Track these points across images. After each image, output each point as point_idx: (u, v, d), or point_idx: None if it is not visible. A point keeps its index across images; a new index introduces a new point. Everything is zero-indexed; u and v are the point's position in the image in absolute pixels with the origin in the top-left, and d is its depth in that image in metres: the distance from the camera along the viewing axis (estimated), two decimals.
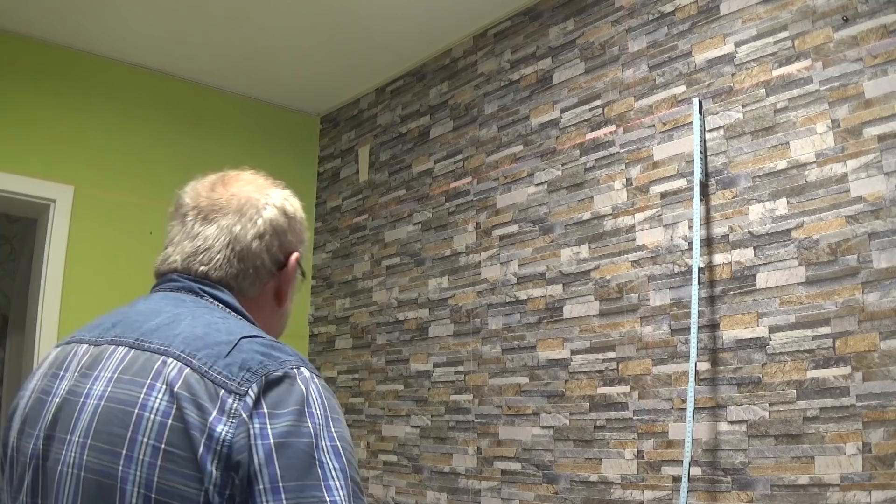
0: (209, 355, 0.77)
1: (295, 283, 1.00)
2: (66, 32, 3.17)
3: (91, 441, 0.76)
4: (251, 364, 0.76)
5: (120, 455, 0.73)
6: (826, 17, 2.04)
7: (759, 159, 2.13)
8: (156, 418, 0.73)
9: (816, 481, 1.86)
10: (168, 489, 0.71)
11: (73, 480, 0.75)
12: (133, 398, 0.75)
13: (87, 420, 0.77)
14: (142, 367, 0.78)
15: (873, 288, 1.84)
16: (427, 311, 3.13)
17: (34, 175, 3.07)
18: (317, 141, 4.05)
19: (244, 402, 0.74)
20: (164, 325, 0.82)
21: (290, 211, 0.99)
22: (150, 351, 0.79)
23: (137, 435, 0.73)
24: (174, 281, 0.92)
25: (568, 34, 2.77)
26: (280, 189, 1.01)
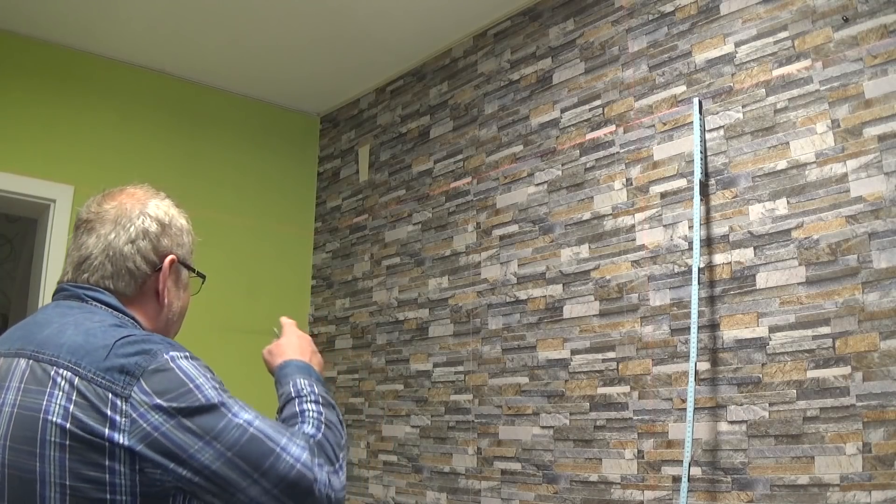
0: (92, 362, 0.89)
1: (180, 284, 1.13)
2: (66, 32, 3.17)
3: (9, 443, 0.88)
4: (127, 367, 0.89)
5: (35, 454, 0.86)
6: (826, 17, 2.04)
7: (759, 159, 2.13)
8: (58, 422, 0.86)
9: (816, 481, 1.86)
10: (79, 476, 0.85)
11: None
12: (37, 405, 0.88)
13: (5, 425, 0.89)
14: (40, 378, 0.90)
15: (873, 288, 1.84)
16: (427, 311, 3.13)
17: (34, 175, 3.07)
18: (317, 141, 4.05)
19: (130, 402, 0.87)
20: (52, 336, 0.94)
21: (164, 219, 1.10)
22: (44, 362, 0.91)
23: (46, 436, 0.86)
24: (64, 290, 1.04)
25: (568, 34, 2.77)
26: (160, 199, 1.13)
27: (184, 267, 1.14)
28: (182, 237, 1.13)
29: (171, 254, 1.09)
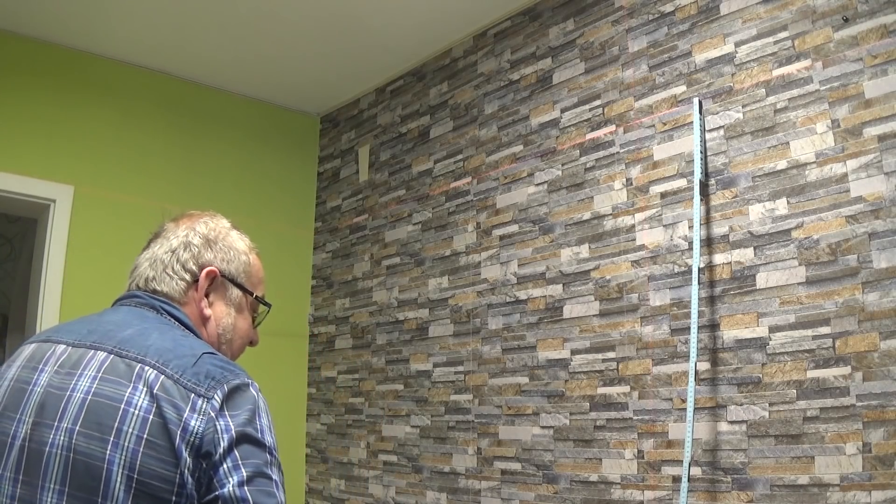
0: (179, 365, 0.94)
1: (230, 301, 1.16)
2: (66, 32, 3.17)
3: (80, 428, 0.89)
4: (214, 374, 0.94)
5: (108, 441, 0.88)
6: (826, 17, 2.04)
7: (759, 159, 2.13)
8: (139, 413, 0.89)
9: (816, 481, 1.86)
10: (149, 471, 0.86)
11: (62, 461, 0.88)
12: (119, 395, 0.90)
13: (75, 410, 0.91)
14: (123, 371, 0.93)
15: (873, 288, 1.84)
16: (427, 311, 3.13)
17: (34, 175, 3.07)
18: (317, 141, 4.05)
19: (211, 403, 0.91)
20: (135, 337, 0.98)
21: (210, 234, 1.16)
22: (128, 358, 0.94)
23: (123, 426, 0.88)
24: (137, 297, 1.09)
25: (568, 34, 2.77)
26: (216, 220, 1.20)
27: (235, 286, 1.16)
28: (231, 255, 1.16)
29: (210, 265, 1.13)
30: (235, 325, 1.16)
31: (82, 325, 1.03)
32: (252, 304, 1.19)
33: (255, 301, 1.19)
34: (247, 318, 1.18)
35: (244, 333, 1.18)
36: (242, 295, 1.17)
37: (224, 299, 1.15)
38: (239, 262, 1.17)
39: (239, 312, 1.16)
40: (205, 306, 1.12)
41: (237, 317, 1.16)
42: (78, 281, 3.10)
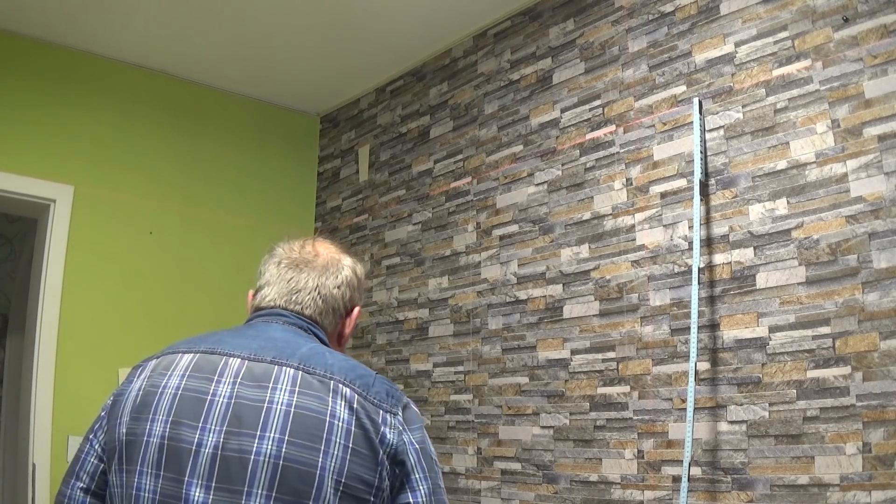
0: (363, 384, 1.06)
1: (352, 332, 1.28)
2: (66, 32, 3.17)
3: (289, 437, 0.98)
4: (393, 393, 1.08)
5: (318, 450, 0.98)
6: (826, 17, 2.04)
7: (759, 159, 2.13)
8: (343, 425, 1.00)
9: (816, 481, 1.86)
10: (354, 475, 0.98)
11: (270, 467, 0.96)
12: (322, 408, 1.01)
13: (280, 421, 0.99)
14: (318, 387, 1.03)
15: (873, 288, 1.84)
16: (427, 311, 3.13)
17: (34, 175, 3.07)
18: (317, 141, 4.05)
19: (397, 418, 1.05)
20: (314, 356, 1.08)
21: (359, 273, 1.28)
22: (318, 375, 1.05)
23: (332, 436, 0.99)
24: (283, 315, 1.18)
25: (568, 34, 2.77)
26: (351, 256, 1.30)
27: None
28: (362, 292, 1.32)
29: (357, 305, 1.27)
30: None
31: (243, 339, 1.10)
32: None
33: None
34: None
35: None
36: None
37: (350, 329, 1.29)
38: (360, 296, 1.30)
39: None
40: (346, 340, 1.28)
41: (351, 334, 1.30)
42: (78, 281, 3.10)
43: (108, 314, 3.15)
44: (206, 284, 3.43)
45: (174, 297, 3.34)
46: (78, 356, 3.02)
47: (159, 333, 3.24)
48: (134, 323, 3.21)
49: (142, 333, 3.21)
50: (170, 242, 3.36)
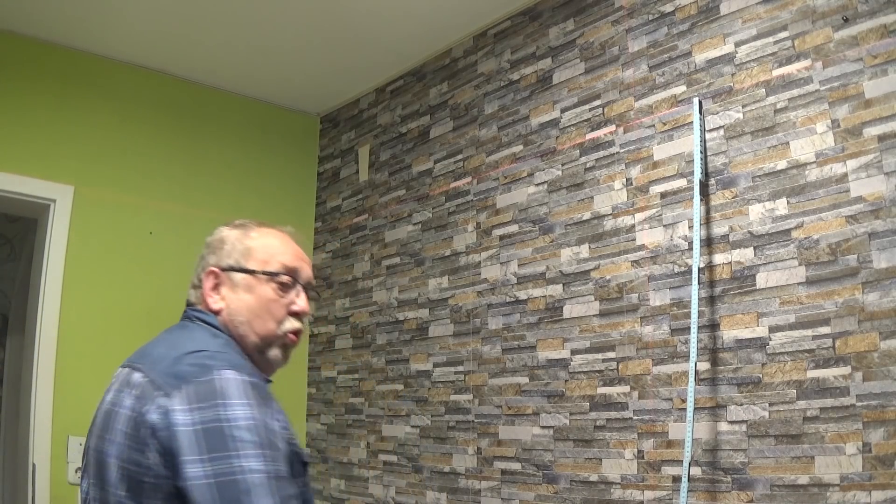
0: (160, 368, 1.06)
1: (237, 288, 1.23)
2: (66, 32, 3.17)
3: (97, 432, 1.11)
4: (184, 372, 1.03)
5: (107, 439, 1.07)
6: (826, 17, 2.04)
7: (759, 159, 2.13)
8: (124, 412, 1.06)
9: (816, 481, 1.86)
10: (130, 459, 1.01)
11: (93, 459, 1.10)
12: (120, 400, 1.09)
13: (101, 419, 1.12)
14: (126, 380, 1.11)
15: (873, 288, 1.84)
16: (427, 311, 3.13)
17: (34, 175, 3.07)
18: (317, 141, 4.05)
19: (168, 398, 1.00)
20: (149, 349, 1.16)
21: (212, 241, 1.30)
22: (132, 368, 1.12)
23: (116, 424, 1.06)
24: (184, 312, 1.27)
25: (568, 34, 2.77)
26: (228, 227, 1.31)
27: (236, 272, 1.25)
28: (226, 249, 1.27)
29: (210, 266, 1.26)
30: (248, 305, 1.22)
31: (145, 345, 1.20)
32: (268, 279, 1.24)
33: (268, 275, 1.24)
34: (264, 294, 1.23)
35: (262, 307, 1.23)
36: (246, 276, 1.24)
37: (232, 288, 1.24)
38: (236, 250, 1.26)
39: (249, 292, 1.23)
40: (212, 302, 1.23)
41: (248, 297, 1.23)
42: (78, 281, 3.10)
43: (108, 314, 3.15)
44: None
45: (174, 297, 3.31)
46: (78, 356, 3.02)
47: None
48: (134, 323, 3.20)
49: (142, 333, 3.18)
50: (170, 242, 3.36)
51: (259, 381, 1.08)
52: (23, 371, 3.29)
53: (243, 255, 1.26)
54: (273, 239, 1.30)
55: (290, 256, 1.28)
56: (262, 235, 1.30)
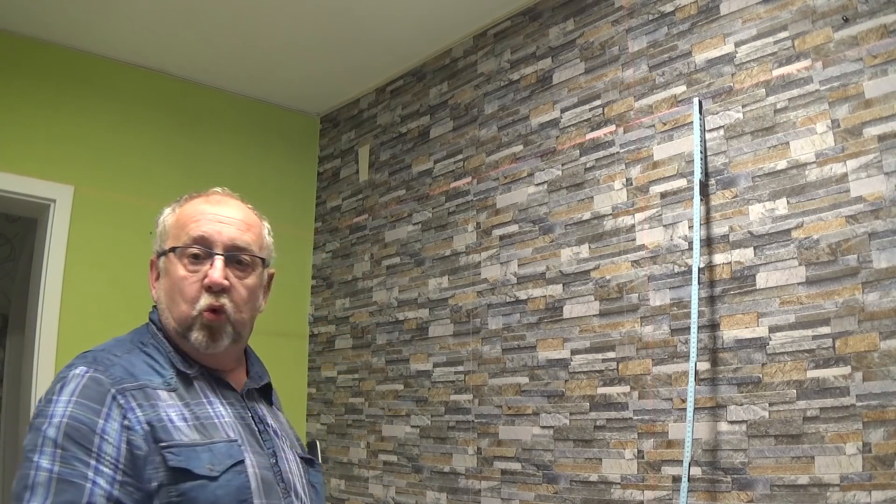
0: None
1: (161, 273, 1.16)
2: (66, 32, 3.17)
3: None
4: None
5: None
6: (826, 17, 2.04)
7: (759, 159, 2.13)
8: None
9: (816, 481, 1.86)
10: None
11: None
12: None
13: None
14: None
15: (873, 288, 1.84)
16: (427, 311, 3.13)
17: (34, 175, 3.07)
18: (317, 141, 4.05)
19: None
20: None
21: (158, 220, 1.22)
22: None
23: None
24: None
25: (568, 34, 2.77)
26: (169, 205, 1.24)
27: (160, 257, 1.17)
28: (157, 232, 1.20)
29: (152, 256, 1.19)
30: (165, 288, 1.14)
31: None
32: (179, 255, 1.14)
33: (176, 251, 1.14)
34: (174, 272, 1.13)
35: (174, 288, 1.12)
36: (165, 258, 1.16)
37: (162, 275, 1.17)
38: (159, 233, 1.20)
39: (166, 276, 1.15)
40: (153, 294, 1.17)
41: (164, 280, 1.15)
42: (78, 281, 3.10)
43: (108, 314, 3.15)
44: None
45: None
46: None
47: None
48: (134, 323, 3.18)
49: None
50: None
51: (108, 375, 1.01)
52: (23, 371, 3.29)
53: (162, 235, 1.19)
54: (189, 208, 1.19)
55: (204, 222, 1.15)
56: (182, 207, 1.20)
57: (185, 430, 1.02)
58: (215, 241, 1.14)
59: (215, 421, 1.07)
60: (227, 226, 1.17)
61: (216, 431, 1.06)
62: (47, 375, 2.95)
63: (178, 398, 1.06)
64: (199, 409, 1.07)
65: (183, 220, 1.16)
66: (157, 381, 1.05)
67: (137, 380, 1.03)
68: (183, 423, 1.03)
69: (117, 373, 1.02)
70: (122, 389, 1.00)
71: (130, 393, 1.01)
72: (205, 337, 1.11)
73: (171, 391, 1.06)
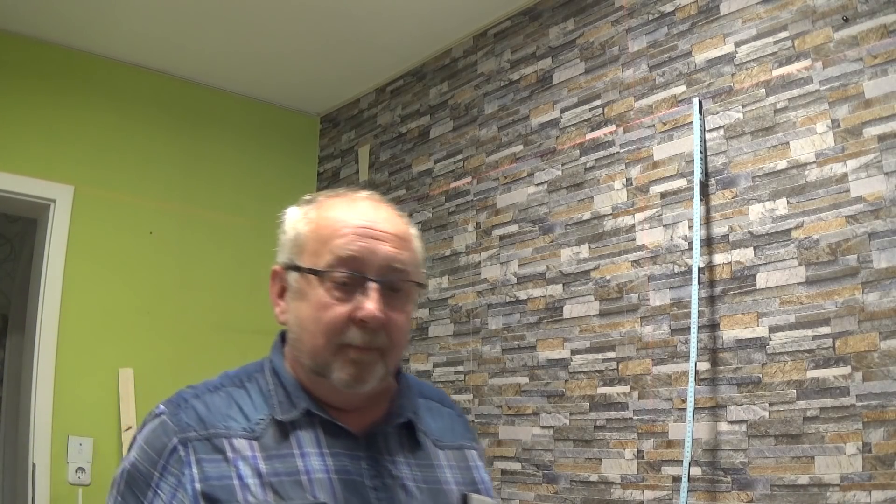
0: None
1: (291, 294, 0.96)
2: (66, 32, 3.17)
3: None
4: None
5: None
6: (826, 17, 2.04)
7: (759, 159, 2.13)
8: None
9: (816, 481, 1.86)
10: None
11: None
12: None
13: None
14: None
15: (873, 288, 1.84)
16: (427, 311, 3.13)
17: (34, 175, 3.07)
18: (317, 141, 4.05)
19: None
20: None
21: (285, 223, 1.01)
22: None
23: None
24: None
25: (568, 34, 2.77)
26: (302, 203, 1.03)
27: (291, 271, 0.95)
28: (282, 241, 0.99)
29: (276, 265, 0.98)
30: (298, 317, 0.93)
31: None
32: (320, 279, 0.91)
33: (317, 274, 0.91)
34: (315, 299, 0.91)
35: (311, 318, 0.91)
36: (298, 276, 0.93)
37: (290, 294, 0.95)
38: (287, 241, 0.98)
39: (301, 300, 0.92)
40: (278, 312, 0.98)
41: (299, 306, 0.93)
42: (78, 281, 3.10)
43: (108, 314, 3.15)
44: (206, 284, 3.43)
45: (174, 297, 3.33)
46: (78, 356, 3.02)
47: (159, 333, 3.24)
48: (134, 323, 3.21)
49: (142, 333, 3.21)
50: (170, 242, 3.36)
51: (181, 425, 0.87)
52: (23, 371, 3.29)
53: (295, 246, 0.96)
54: (331, 215, 0.96)
55: (353, 239, 0.92)
56: (320, 214, 0.97)
57: (255, 489, 0.84)
58: (368, 263, 0.91)
59: (301, 478, 0.87)
60: (382, 243, 0.93)
61: (298, 492, 0.85)
62: (47, 375, 2.95)
63: (259, 448, 0.87)
64: (282, 464, 0.87)
65: (324, 233, 0.94)
66: (235, 428, 0.88)
67: (208, 427, 0.87)
68: (255, 481, 0.85)
69: (186, 418, 0.88)
70: (185, 440, 0.86)
71: (192, 445, 0.86)
72: (350, 375, 0.90)
73: (253, 439, 0.88)
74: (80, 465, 2.91)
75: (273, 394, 0.93)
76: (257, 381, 0.95)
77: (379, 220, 0.97)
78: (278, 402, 0.92)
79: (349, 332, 0.89)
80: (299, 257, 0.94)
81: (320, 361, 0.90)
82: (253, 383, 0.94)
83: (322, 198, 1.02)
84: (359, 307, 0.89)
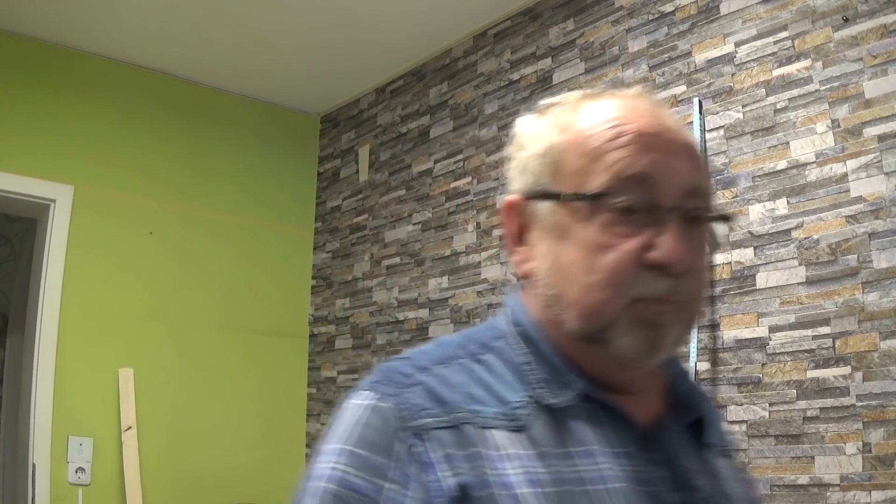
0: None
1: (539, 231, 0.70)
2: (66, 32, 3.17)
3: None
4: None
5: None
6: (826, 17, 2.04)
7: (759, 159, 2.13)
8: None
9: (816, 481, 1.86)
10: None
11: None
12: None
13: None
14: None
15: (873, 288, 1.84)
16: (427, 311, 3.13)
17: (34, 175, 3.07)
18: (317, 141, 4.05)
19: None
20: None
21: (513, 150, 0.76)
22: None
23: None
24: None
25: (568, 34, 2.77)
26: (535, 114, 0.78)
27: (538, 199, 0.70)
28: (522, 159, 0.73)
29: (511, 195, 0.73)
30: (559, 263, 0.68)
31: None
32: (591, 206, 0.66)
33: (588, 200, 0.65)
34: (583, 237, 0.66)
35: (581, 265, 0.66)
36: (553, 205, 0.68)
37: (539, 231, 0.70)
38: (531, 159, 0.72)
39: (561, 239, 0.67)
40: (516, 261, 0.73)
41: (559, 248, 0.68)
42: (78, 281, 3.10)
43: (108, 314, 3.15)
44: (206, 284, 3.43)
45: (174, 297, 3.34)
46: (78, 356, 3.02)
47: (159, 333, 3.24)
48: (134, 323, 3.21)
49: (142, 333, 3.21)
50: (170, 242, 3.36)
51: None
52: (23, 371, 3.29)
53: (545, 165, 0.70)
54: (599, 119, 0.69)
55: (636, 151, 0.65)
56: (580, 117, 0.71)
57: (532, 502, 0.60)
58: (662, 184, 0.65)
59: (592, 488, 0.62)
60: (677, 157, 0.66)
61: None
62: (47, 375, 2.95)
63: (528, 444, 0.63)
64: (565, 466, 0.62)
65: (592, 143, 0.67)
66: (489, 413, 0.64)
67: (452, 410, 0.63)
68: (531, 492, 0.60)
69: (415, 398, 0.64)
70: (420, 428, 0.62)
71: (434, 435, 0.62)
72: (646, 340, 0.65)
73: (516, 431, 0.63)
74: (80, 466, 2.91)
75: (530, 369, 0.68)
76: (499, 350, 0.70)
77: (669, 127, 0.68)
78: (541, 379, 0.67)
79: (641, 279, 0.64)
80: (554, 179, 0.68)
81: (600, 323, 0.65)
82: (493, 354, 0.69)
83: (574, 98, 0.76)
84: (651, 245, 0.64)
